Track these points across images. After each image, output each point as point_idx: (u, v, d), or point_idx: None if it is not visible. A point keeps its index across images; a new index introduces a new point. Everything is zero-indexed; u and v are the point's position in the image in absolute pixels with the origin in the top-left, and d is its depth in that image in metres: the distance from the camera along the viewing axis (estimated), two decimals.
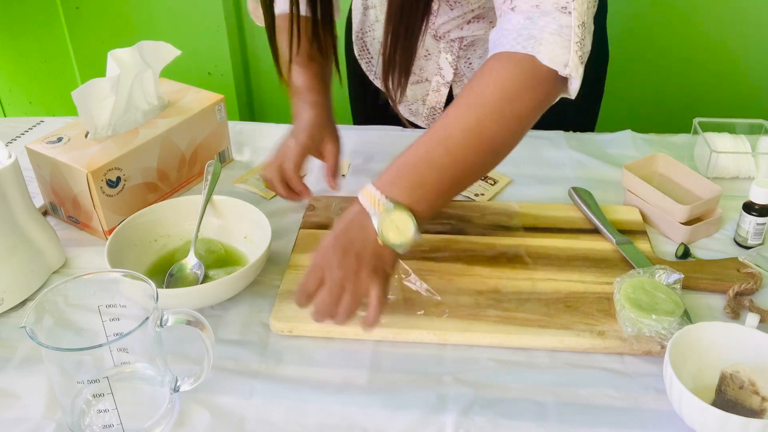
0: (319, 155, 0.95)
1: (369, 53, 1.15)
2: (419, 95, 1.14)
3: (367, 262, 0.70)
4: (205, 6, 1.95)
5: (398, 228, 0.69)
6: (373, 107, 1.15)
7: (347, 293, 0.70)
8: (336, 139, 0.95)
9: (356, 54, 1.16)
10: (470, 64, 1.05)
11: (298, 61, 0.95)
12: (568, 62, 0.72)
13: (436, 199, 0.71)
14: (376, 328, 0.72)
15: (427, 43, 1.04)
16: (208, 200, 0.89)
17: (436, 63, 1.06)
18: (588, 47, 0.74)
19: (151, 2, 1.97)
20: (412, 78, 1.13)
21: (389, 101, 0.91)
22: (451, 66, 1.05)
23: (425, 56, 1.07)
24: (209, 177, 0.92)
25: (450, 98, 1.11)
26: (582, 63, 0.73)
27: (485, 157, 0.73)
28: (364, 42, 1.14)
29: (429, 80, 1.10)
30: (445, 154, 0.71)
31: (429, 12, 0.83)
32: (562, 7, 0.71)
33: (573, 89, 0.75)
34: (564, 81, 0.74)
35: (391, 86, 0.88)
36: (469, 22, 0.99)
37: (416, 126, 1.16)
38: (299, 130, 0.93)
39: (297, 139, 0.92)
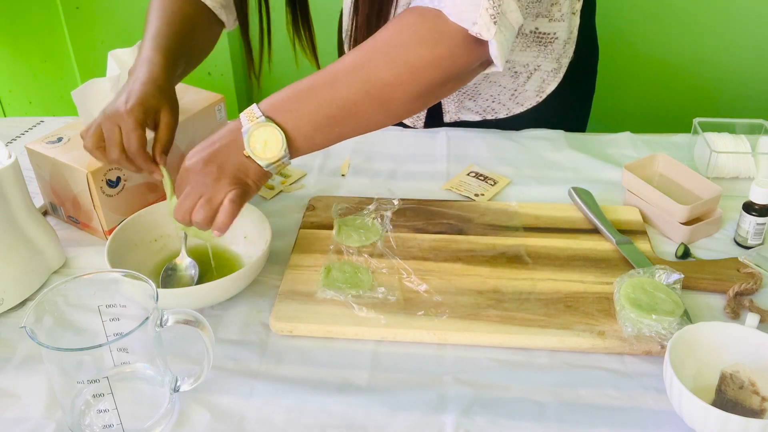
0: (152, 126, 0.82)
1: None
2: None
3: (227, 173, 0.72)
4: None
5: (266, 142, 0.70)
6: None
7: (203, 200, 0.72)
8: (173, 107, 0.83)
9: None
10: None
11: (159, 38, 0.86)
12: (477, 20, 0.68)
13: (312, 132, 0.72)
14: (223, 233, 0.74)
15: None
16: None
17: None
18: (514, 14, 0.70)
19: None
20: None
21: None
22: None
23: None
24: None
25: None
26: (497, 25, 0.68)
27: (369, 99, 0.71)
28: (357, 42, 1.14)
29: None
30: (328, 87, 0.71)
31: None
32: None
33: (494, 55, 0.70)
34: (481, 44, 0.70)
35: None
36: None
37: (406, 125, 1.16)
38: (131, 94, 0.79)
39: (129, 107, 0.78)
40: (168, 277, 0.84)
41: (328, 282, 0.81)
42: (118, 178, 0.90)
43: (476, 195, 1.00)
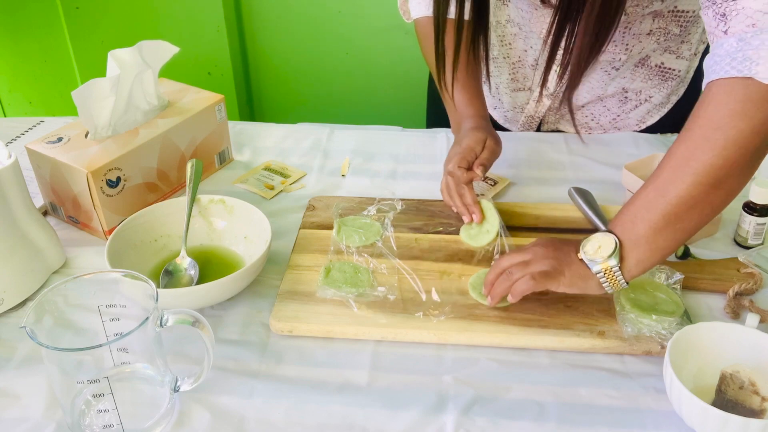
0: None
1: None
2: (519, 103, 1.15)
3: (551, 258, 0.75)
4: (205, 6, 1.95)
5: (600, 247, 0.73)
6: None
7: (514, 268, 0.76)
8: (497, 140, 0.97)
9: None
10: None
11: (459, 77, 0.97)
12: None
13: (653, 234, 0.72)
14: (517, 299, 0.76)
15: (540, 54, 1.04)
16: (193, 199, 0.89)
17: (542, 73, 1.02)
18: None
19: (151, 2, 1.98)
20: (514, 85, 1.13)
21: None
22: (559, 78, 1.03)
23: (532, 66, 1.08)
24: (192, 176, 0.92)
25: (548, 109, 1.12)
26: None
27: (701, 188, 0.70)
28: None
29: (532, 90, 1.11)
30: (654, 191, 0.72)
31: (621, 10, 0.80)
32: None
33: None
34: None
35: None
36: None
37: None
38: (467, 136, 0.96)
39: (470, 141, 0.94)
40: (168, 277, 0.84)
41: (328, 282, 0.81)
42: (118, 178, 0.90)
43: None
